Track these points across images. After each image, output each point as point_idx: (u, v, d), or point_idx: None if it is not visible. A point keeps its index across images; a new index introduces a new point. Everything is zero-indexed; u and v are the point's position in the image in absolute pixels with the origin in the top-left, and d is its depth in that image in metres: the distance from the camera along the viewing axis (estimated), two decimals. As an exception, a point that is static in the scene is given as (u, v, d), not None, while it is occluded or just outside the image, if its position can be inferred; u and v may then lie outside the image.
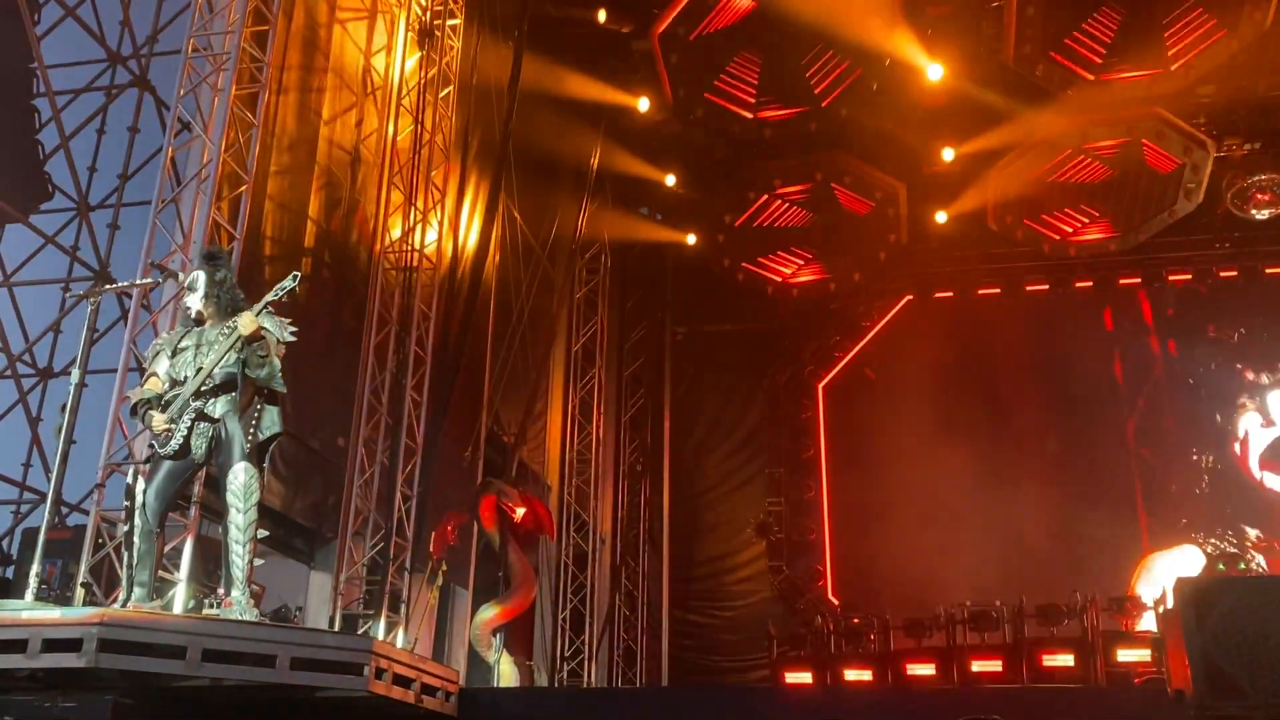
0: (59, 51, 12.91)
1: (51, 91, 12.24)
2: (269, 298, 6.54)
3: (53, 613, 6.00)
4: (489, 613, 11.52)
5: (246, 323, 6.46)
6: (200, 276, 6.81)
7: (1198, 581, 10.48)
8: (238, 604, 6.37)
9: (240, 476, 6.46)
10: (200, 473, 7.30)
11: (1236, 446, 16.11)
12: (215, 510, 7.51)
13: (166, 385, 6.66)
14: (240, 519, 6.44)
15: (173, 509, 7.08)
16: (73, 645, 5.56)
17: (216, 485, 6.79)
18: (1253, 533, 15.14)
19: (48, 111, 12.41)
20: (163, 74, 12.60)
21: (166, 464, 6.57)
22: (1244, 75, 14.76)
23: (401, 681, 6.70)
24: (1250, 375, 16.21)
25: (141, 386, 6.75)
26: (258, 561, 6.66)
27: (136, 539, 6.49)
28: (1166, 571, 14.59)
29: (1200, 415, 16.47)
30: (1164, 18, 13.68)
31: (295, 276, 6.55)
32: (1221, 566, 12.66)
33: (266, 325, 6.56)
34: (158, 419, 6.51)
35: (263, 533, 6.67)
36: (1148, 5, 13.65)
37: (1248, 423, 16.09)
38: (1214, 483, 16.09)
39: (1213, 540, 15.39)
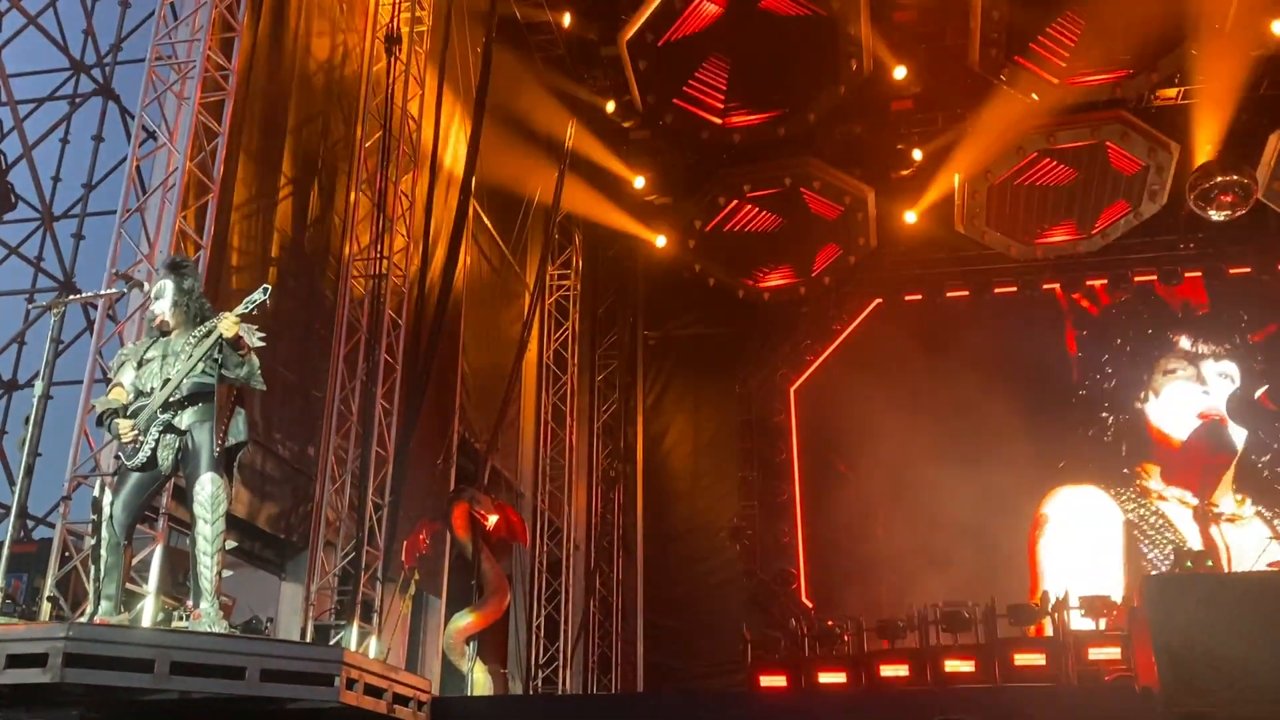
0: (21, 59, 12.83)
1: (13, 100, 12.16)
2: (239, 310, 6.49)
3: (17, 627, 5.93)
4: (462, 621, 11.46)
5: (228, 324, 6.40)
6: (168, 285, 6.75)
7: (1164, 579, 10.59)
8: (206, 616, 6.32)
9: (208, 487, 6.41)
10: (169, 484, 7.25)
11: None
12: (184, 522, 7.44)
13: (132, 395, 6.61)
14: (207, 530, 6.38)
15: (140, 521, 7.02)
16: (38, 660, 5.49)
17: (185, 496, 6.73)
18: None
19: (9, 120, 12.32)
20: (127, 82, 12.55)
21: (133, 476, 6.51)
22: (1205, 78, 14.95)
23: (373, 692, 6.67)
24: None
25: (106, 396, 6.70)
26: (226, 573, 6.60)
27: (103, 552, 6.43)
28: (1072, 503, 15.73)
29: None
30: (1126, 22, 13.82)
31: (266, 290, 6.50)
32: (1189, 565, 12.76)
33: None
34: (124, 425, 6.45)
35: (230, 544, 6.62)
36: (1111, 9, 13.78)
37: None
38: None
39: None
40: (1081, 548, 15.66)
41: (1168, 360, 16.60)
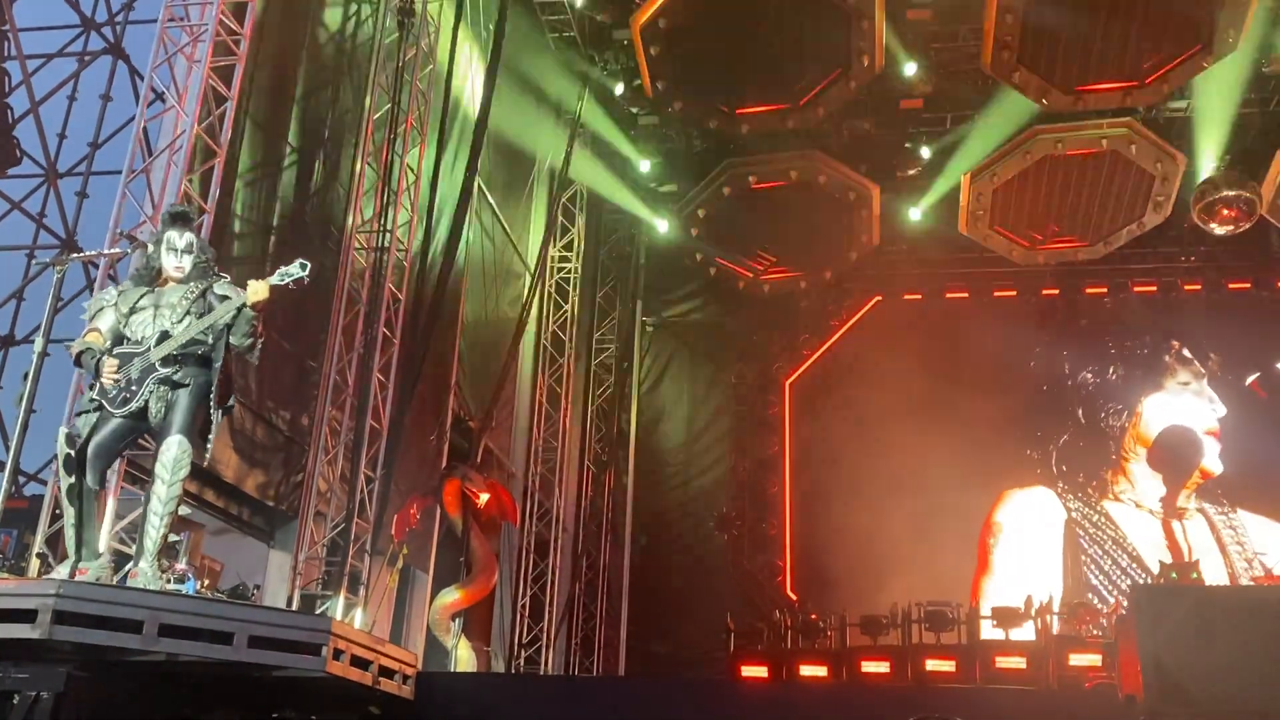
0: (32, 14, 12.78)
1: (22, 55, 12.10)
2: (273, 281, 6.41)
3: (8, 582, 5.92)
4: (449, 597, 11.50)
5: (259, 289, 6.35)
6: (191, 238, 6.71)
7: (1152, 590, 10.64)
8: (143, 575, 6.21)
9: (173, 449, 6.30)
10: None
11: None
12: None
13: (109, 341, 6.50)
14: (164, 490, 6.28)
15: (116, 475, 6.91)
16: (27, 616, 5.47)
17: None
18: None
19: (18, 75, 12.26)
20: (137, 42, 12.49)
21: (113, 421, 6.39)
22: (1215, 91, 14.95)
23: (359, 663, 6.66)
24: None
25: (82, 338, 6.56)
26: (219, 538, 6.60)
27: (80, 498, 6.33)
28: (1023, 507, 16.48)
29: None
30: (1140, 31, 13.81)
31: (305, 265, 6.36)
32: (1174, 575, 12.83)
33: (230, 296, 6.51)
34: (109, 363, 6.35)
35: (184, 509, 6.53)
36: (1124, 18, 13.76)
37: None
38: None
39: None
40: (1031, 552, 16.38)
41: (1177, 371, 16.79)
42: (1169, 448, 16.68)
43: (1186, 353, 16.96)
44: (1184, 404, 16.83)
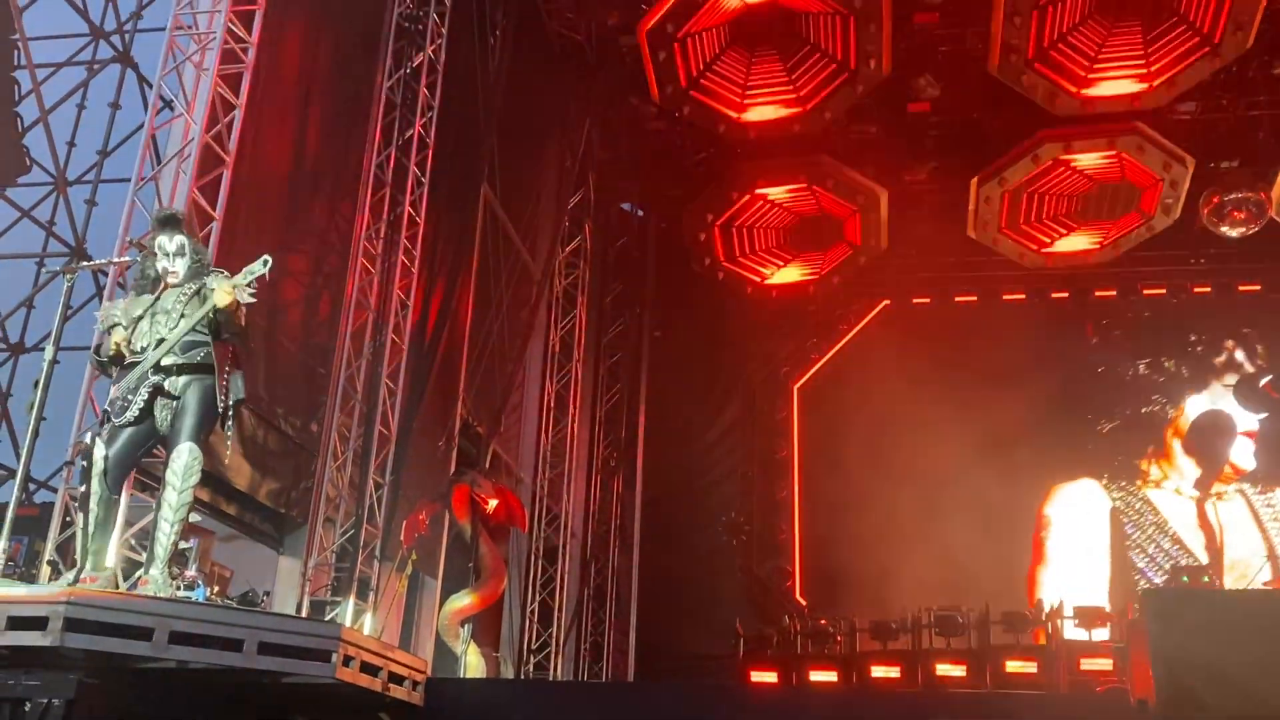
0: (41, 23, 12.82)
1: (32, 64, 12.16)
2: (238, 280, 6.46)
3: (19, 590, 5.94)
4: (459, 603, 11.47)
5: (223, 295, 6.39)
6: (184, 241, 6.74)
7: (1164, 594, 10.61)
8: (154, 582, 6.26)
9: (184, 456, 6.36)
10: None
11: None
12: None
13: (126, 353, 6.60)
14: (174, 498, 6.33)
15: (134, 482, 6.97)
16: (38, 623, 5.50)
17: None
18: None
19: (28, 84, 12.31)
20: (146, 51, 12.54)
21: (127, 430, 6.47)
22: (1225, 93, 14.92)
23: (369, 669, 6.67)
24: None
25: (110, 345, 6.67)
26: (228, 544, 6.61)
27: (94, 505, 6.38)
28: (1071, 500, 17.02)
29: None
30: (1148, 34, 13.79)
31: (266, 262, 6.46)
32: (1185, 580, 12.81)
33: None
34: (119, 339, 6.47)
35: (194, 516, 6.57)
36: (1133, 21, 13.74)
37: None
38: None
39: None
40: (1081, 542, 16.94)
41: (1223, 373, 17.26)
42: (1203, 430, 17.01)
43: (1239, 354, 17.22)
44: (1226, 405, 17.06)
